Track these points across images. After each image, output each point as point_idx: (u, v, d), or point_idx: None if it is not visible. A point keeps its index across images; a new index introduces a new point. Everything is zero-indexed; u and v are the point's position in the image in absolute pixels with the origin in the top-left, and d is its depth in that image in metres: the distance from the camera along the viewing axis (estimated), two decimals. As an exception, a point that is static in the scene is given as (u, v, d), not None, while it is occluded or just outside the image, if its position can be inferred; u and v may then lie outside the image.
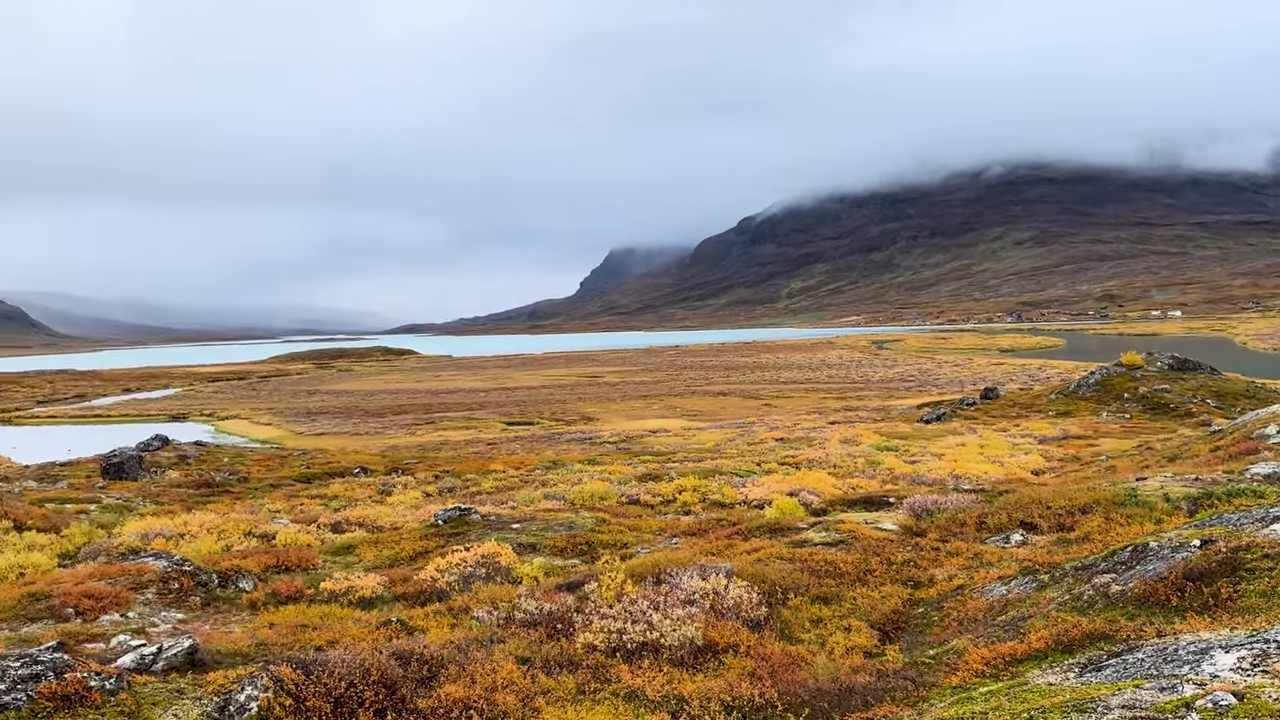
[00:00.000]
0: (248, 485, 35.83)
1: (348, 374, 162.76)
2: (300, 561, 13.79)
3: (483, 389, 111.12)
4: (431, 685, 5.51)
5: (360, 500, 28.91)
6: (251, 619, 10.60)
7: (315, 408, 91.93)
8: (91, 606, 10.96)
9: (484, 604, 9.32)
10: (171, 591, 11.47)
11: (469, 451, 52.26)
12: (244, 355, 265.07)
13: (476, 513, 17.96)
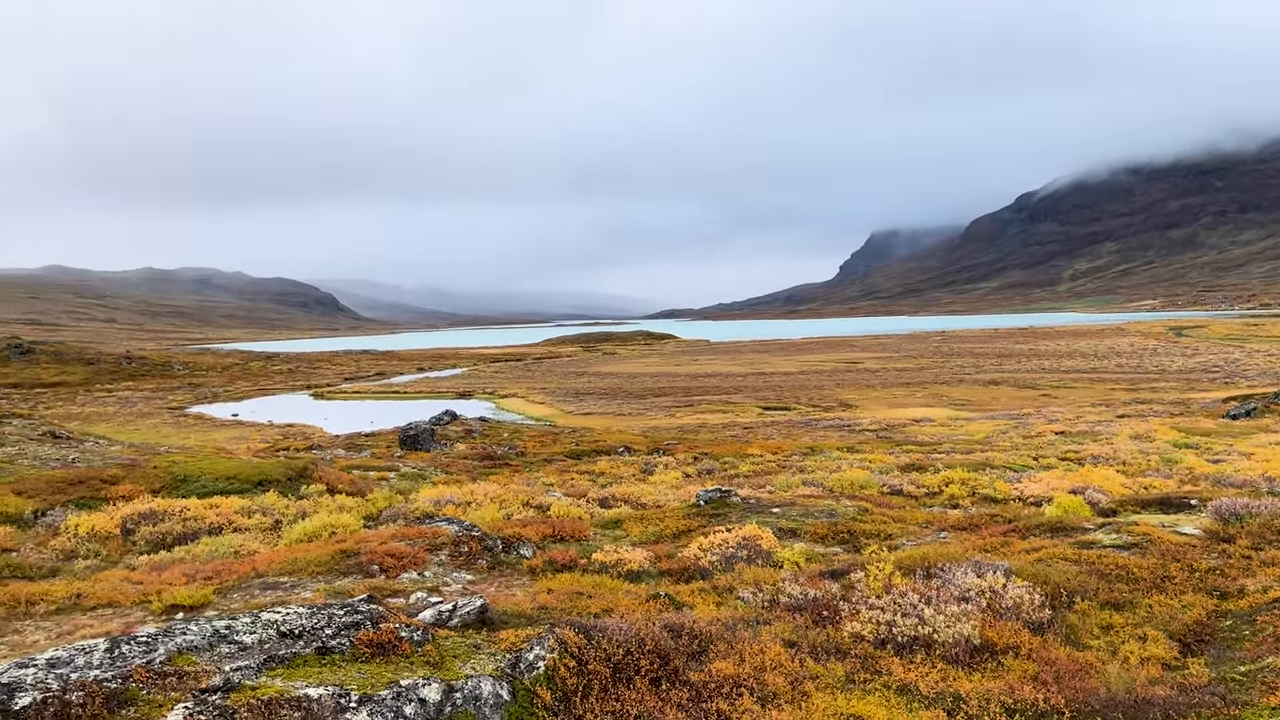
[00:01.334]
0: (524, 459, 38.20)
1: (612, 357, 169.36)
2: (573, 533, 14.52)
3: (739, 373, 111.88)
4: (702, 660, 5.61)
5: (624, 478, 30.03)
6: (531, 584, 11.29)
7: (582, 388, 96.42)
8: (393, 565, 12.11)
9: (748, 585, 9.39)
10: (461, 554, 12.44)
11: (726, 435, 52.85)
12: (521, 338, 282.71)
13: (736, 495, 18.13)
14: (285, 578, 11.95)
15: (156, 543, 16.88)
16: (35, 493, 22.60)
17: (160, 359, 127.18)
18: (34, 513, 21.35)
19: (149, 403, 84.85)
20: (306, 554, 12.91)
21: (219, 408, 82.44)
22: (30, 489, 22.82)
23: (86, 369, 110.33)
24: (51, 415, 70.50)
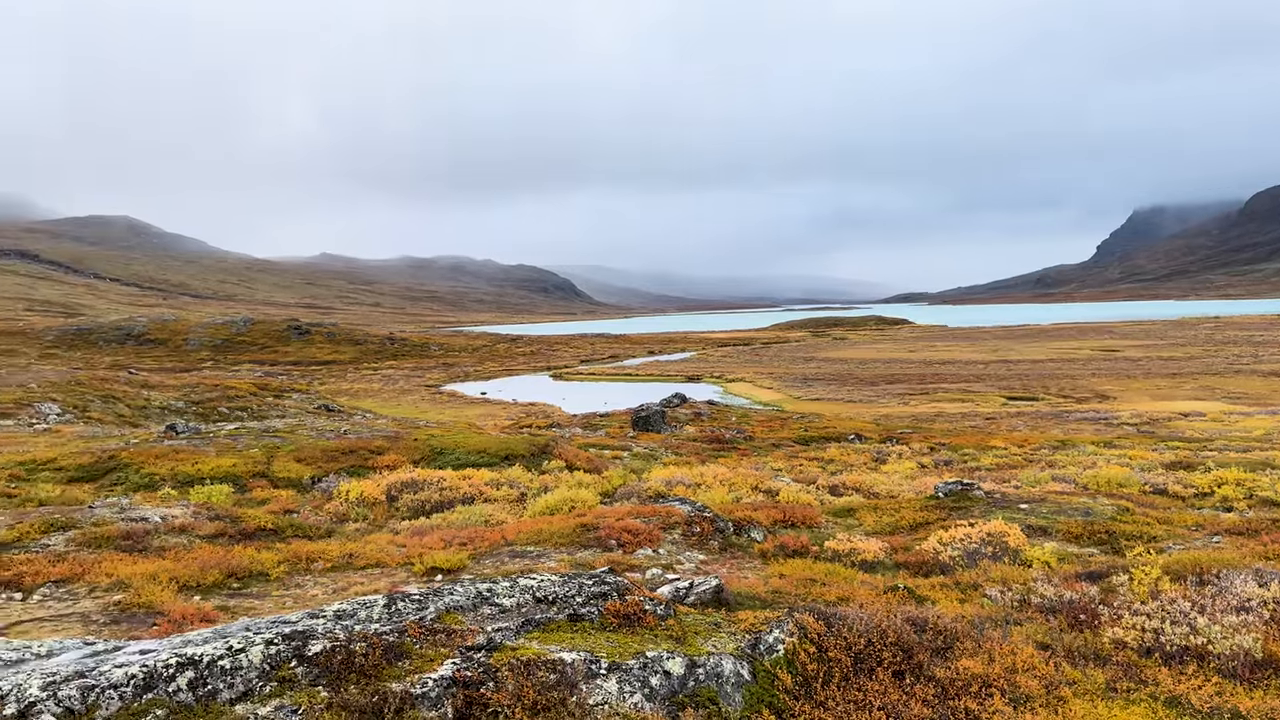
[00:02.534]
0: (752, 443, 38.26)
1: (842, 342, 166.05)
2: (804, 519, 14.39)
3: (980, 360, 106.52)
4: (947, 656, 5.41)
5: (855, 466, 29.40)
6: (763, 568, 11.30)
7: (811, 374, 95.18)
8: (630, 541, 12.48)
9: (994, 583, 8.95)
10: (694, 535, 12.65)
11: (965, 425, 50.53)
12: (748, 323, 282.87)
13: (979, 488, 17.30)
14: (532, 547, 12.61)
15: (416, 509, 18.28)
16: (312, 460, 25.06)
17: (419, 340, 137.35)
18: (311, 478, 23.69)
19: (409, 380, 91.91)
20: (550, 526, 13.57)
21: (469, 386, 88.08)
22: (308, 457, 25.33)
23: (355, 349, 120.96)
24: (325, 390, 77.94)
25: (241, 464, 23.94)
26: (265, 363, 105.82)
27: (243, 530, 14.19)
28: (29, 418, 46.71)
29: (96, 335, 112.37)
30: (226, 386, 65.65)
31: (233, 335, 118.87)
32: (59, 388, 55.36)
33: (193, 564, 11.65)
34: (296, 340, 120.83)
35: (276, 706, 3.74)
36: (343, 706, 3.68)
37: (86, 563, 12.05)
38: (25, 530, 13.41)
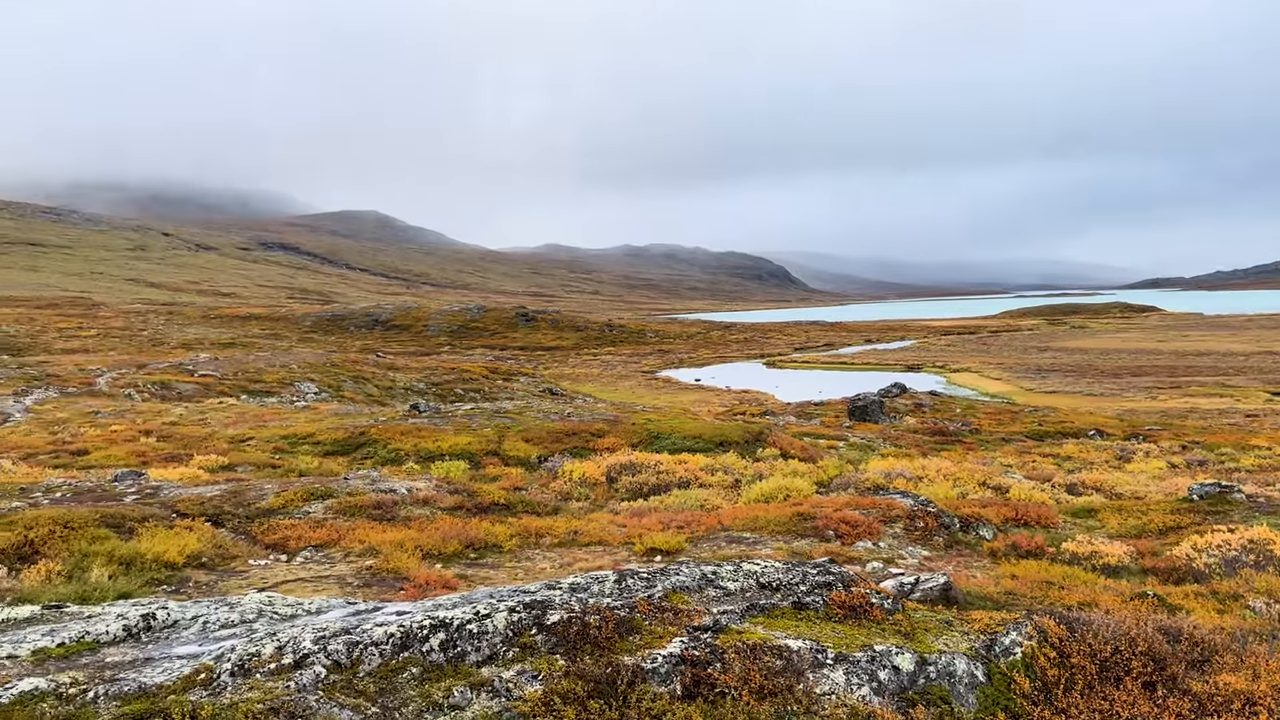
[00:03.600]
0: (979, 437, 36.56)
1: (1081, 331, 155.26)
2: (1039, 518, 13.62)
3: (1241, 352, 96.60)
4: (1204, 670, 4.98)
5: (1095, 464, 27.49)
6: (993, 567, 10.80)
7: (1045, 365, 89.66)
8: (848, 532, 12.26)
9: (1259, 594, 8.14)
10: (916, 529, 12.26)
11: (1223, 422, 46.03)
12: (975, 310, 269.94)
13: (1239, 491, 15.74)
14: (747, 534, 12.66)
15: (634, 491, 18.76)
16: (539, 441, 26.23)
17: (635, 327, 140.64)
18: (538, 458, 24.81)
19: (626, 366, 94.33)
20: (765, 513, 13.55)
21: (683, 372, 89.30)
22: (535, 437, 26.53)
23: (576, 335, 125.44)
24: (548, 375, 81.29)
25: (476, 442, 25.41)
26: (495, 347, 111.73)
27: (478, 504, 15.07)
28: (290, 395, 51.63)
29: (348, 321, 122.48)
30: (462, 369, 69.86)
31: (467, 321, 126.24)
32: (316, 368, 60.81)
33: (435, 534, 12.51)
34: (523, 327, 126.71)
35: (519, 671, 3.96)
36: (579, 675, 3.85)
37: (342, 529, 13.20)
38: (290, 498, 14.82)
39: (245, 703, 3.66)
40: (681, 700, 3.83)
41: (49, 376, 50.66)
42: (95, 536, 12.16)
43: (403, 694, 3.87)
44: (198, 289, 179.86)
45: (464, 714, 3.73)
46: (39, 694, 3.83)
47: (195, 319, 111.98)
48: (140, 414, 37.86)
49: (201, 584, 10.84)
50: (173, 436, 28.82)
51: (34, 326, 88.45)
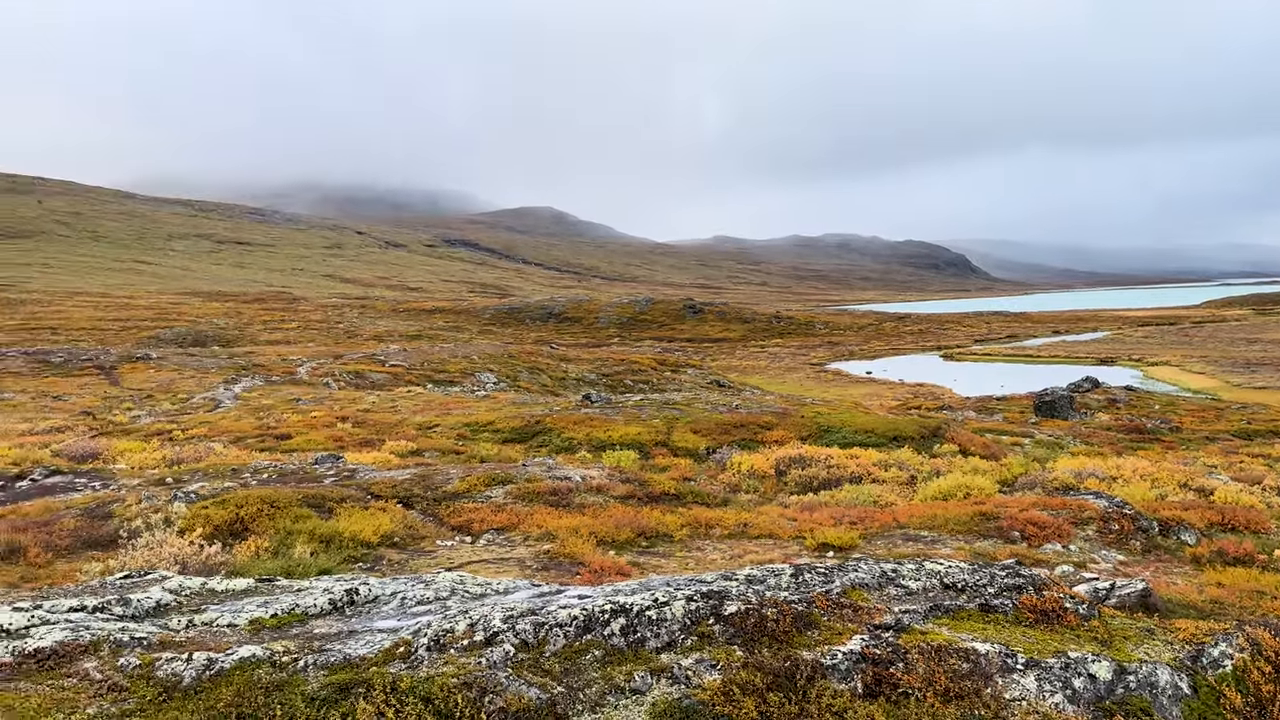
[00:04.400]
0: (1179, 435, 34.09)
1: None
2: (1248, 523, 12.58)
3: None
4: None
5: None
6: (1196, 574, 10.06)
7: (1255, 358, 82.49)
8: (1035, 534, 11.70)
9: None
10: (1111, 532, 11.56)
11: None
12: (1174, 299, 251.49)
13: None
14: (925, 532, 12.29)
15: (804, 485, 18.55)
16: (707, 432, 26.31)
17: (804, 319, 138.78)
18: (706, 449, 24.90)
19: (794, 358, 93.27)
20: (944, 511, 13.12)
21: (854, 365, 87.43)
22: (703, 429, 26.63)
23: (743, 327, 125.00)
24: (715, 366, 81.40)
25: (645, 432, 25.76)
26: (663, 339, 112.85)
27: (649, 493, 15.29)
28: (471, 385, 53.89)
29: (523, 314, 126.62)
30: (631, 361, 70.98)
31: (636, 314, 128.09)
32: (494, 359, 63.21)
33: (608, 521, 12.79)
34: (691, 319, 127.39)
35: (697, 659, 4.01)
36: (757, 667, 3.85)
37: (521, 514, 13.69)
38: (473, 483, 15.49)
39: (441, 676, 3.86)
40: (863, 698, 3.76)
41: (255, 366, 54.87)
42: (298, 515, 13.10)
43: (586, 675, 3.99)
44: (387, 284, 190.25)
45: (645, 698, 3.81)
46: (256, 661, 4.17)
47: (385, 312, 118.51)
48: (337, 401, 40.48)
49: (394, 562, 11.50)
50: (366, 423, 30.65)
51: (241, 320, 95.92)
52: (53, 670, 4.27)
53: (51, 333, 77.69)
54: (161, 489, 15.20)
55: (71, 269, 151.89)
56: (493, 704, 3.70)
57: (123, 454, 22.94)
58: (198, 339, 77.93)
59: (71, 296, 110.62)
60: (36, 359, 55.01)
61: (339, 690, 3.86)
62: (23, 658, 4.32)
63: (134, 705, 3.89)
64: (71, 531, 12.98)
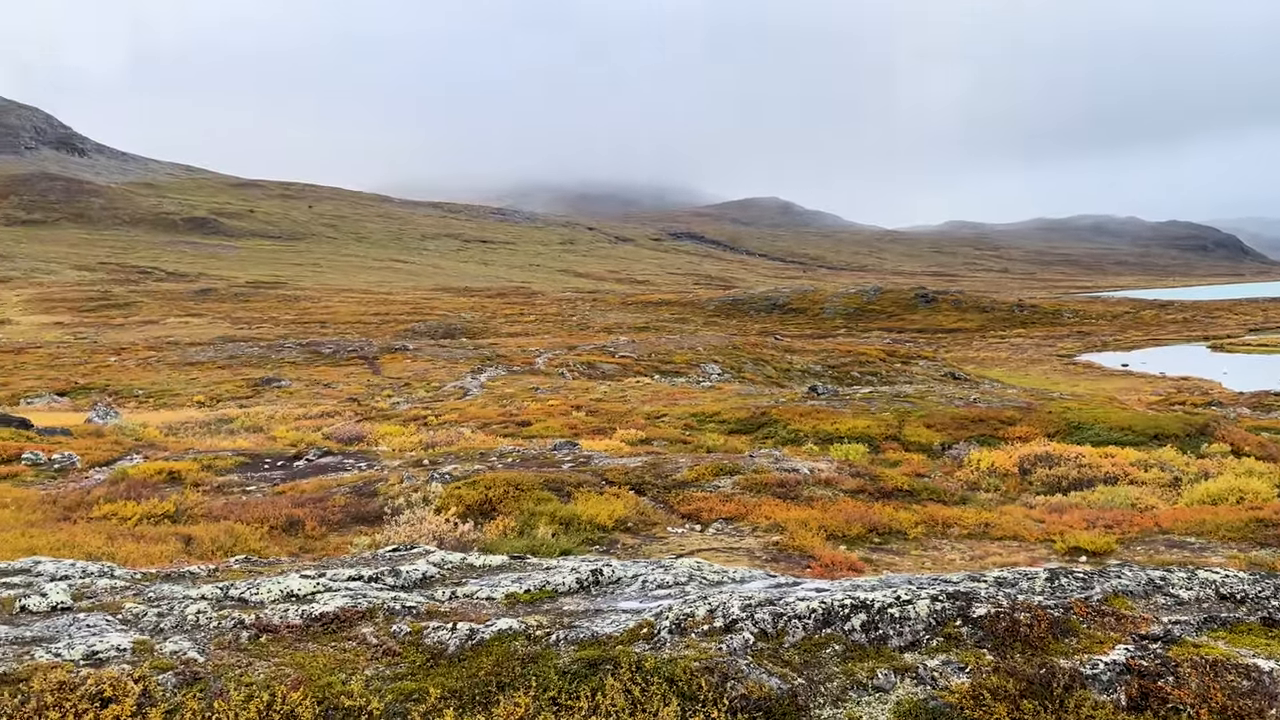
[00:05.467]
0: None
1: None
2: None
3: None
4: None
5: None
6: None
7: None
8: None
9: None
10: None
11: None
12: None
13: None
14: (1191, 538, 11.30)
15: (1052, 485, 17.47)
16: (942, 427, 25.33)
17: (1050, 307, 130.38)
18: (941, 444, 23.97)
19: (1038, 349, 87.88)
20: (1214, 516, 12.01)
21: (1107, 356, 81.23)
22: (937, 423, 25.66)
23: (981, 316, 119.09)
24: (950, 358, 78.08)
25: (874, 426, 25.16)
26: (892, 330, 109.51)
27: (880, 489, 14.94)
28: (697, 376, 54.59)
29: (747, 305, 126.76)
30: (858, 352, 69.44)
31: (863, 304, 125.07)
32: (719, 351, 63.69)
33: (838, 515, 12.62)
34: (923, 308, 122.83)
35: (944, 661, 3.90)
36: (1009, 673, 3.69)
37: (749, 505, 13.76)
38: (701, 472, 15.72)
39: (683, 659, 3.97)
40: (1126, 711, 3.52)
41: (498, 357, 58.17)
42: (540, 498, 13.81)
43: (826, 669, 3.97)
44: (616, 277, 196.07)
45: (888, 696, 3.74)
46: (512, 633, 4.46)
47: (615, 305, 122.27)
48: (571, 390, 42.23)
49: (628, 546, 11.89)
50: (598, 411, 31.79)
51: (485, 313, 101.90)
52: (335, 634, 4.74)
53: (321, 326, 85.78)
54: (419, 470, 16.44)
55: (338, 268, 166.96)
56: (734, 690, 3.76)
57: (384, 437, 25.04)
58: (448, 331, 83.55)
59: (338, 293, 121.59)
60: (309, 350, 60.97)
61: (588, 665, 4.05)
62: (310, 621, 4.82)
63: (405, 669, 4.26)
64: (342, 507, 14.32)
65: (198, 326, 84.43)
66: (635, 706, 3.75)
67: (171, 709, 3.92)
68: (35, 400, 42.17)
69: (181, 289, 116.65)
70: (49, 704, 3.88)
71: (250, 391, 45.13)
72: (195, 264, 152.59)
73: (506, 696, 3.89)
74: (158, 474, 17.12)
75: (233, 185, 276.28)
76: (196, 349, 62.74)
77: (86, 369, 53.79)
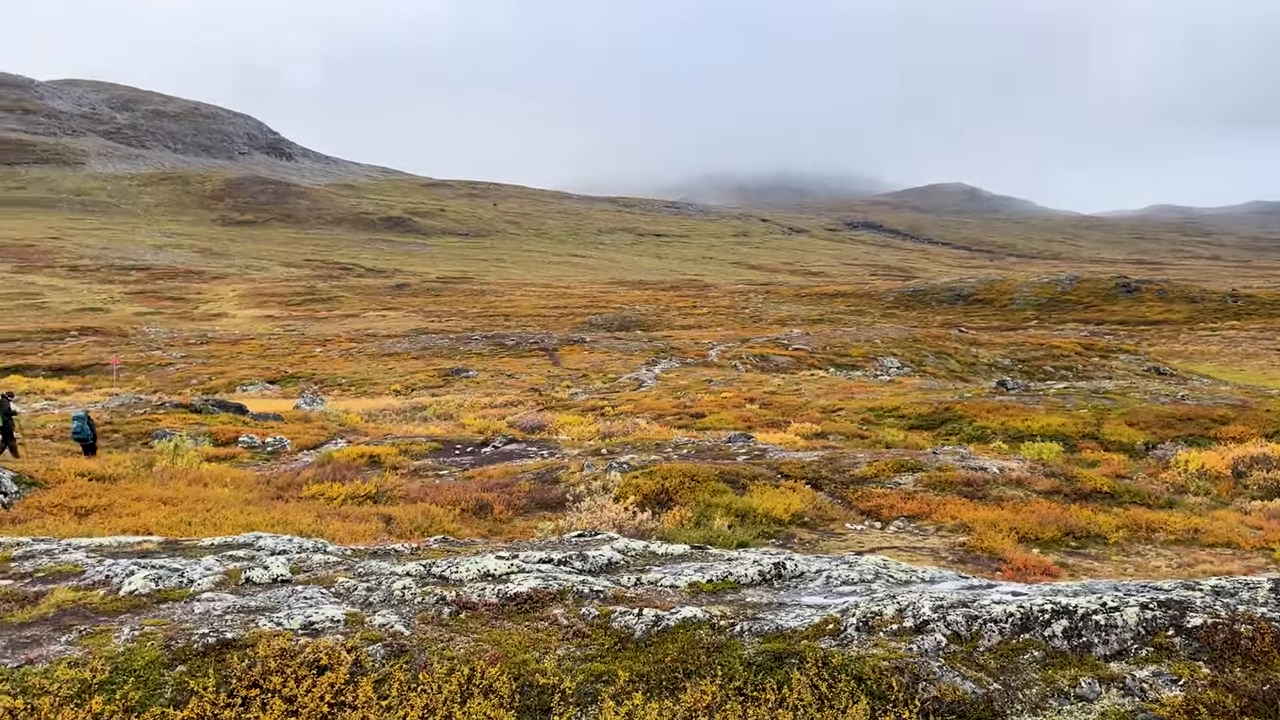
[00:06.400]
0: None
1: None
2: None
3: None
4: None
5: None
6: None
7: None
8: None
9: None
10: None
11: None
12: None
13: None
14: None
15: (1270, 489, 16.11)
16: (1145, 425, 23.73)
17: (1268, 297, 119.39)
18: (1144, 444, 22.46)
19: (1254, 343, 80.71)
20: None
21: (1336, 351, 73.60)
22: (1140, 421, 24.05)
23: (1189, 307, 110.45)
24: (1154, 352, 72.88)
25: (1070, 424, 23.87)
26: (1089, 322, 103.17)
27: (1077, 490, 14.16)
28: (874, 369, 53.28)
29: (929, 296, 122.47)
30: (1051, 345, 65.89)
31: (1057, 294, 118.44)
32: (898, 344, 61.91)
33: (1030, 517, 12.04)
34: (1124, 298, 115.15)
35: (1154, 672, 3.67)
36: (1228, 688, 3.44)
37: (932, 503, 13.34)
38: (880, 468, 15.36)
39: (871, 658, 3.91)
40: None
41: (671, 349, 58.72)
42: (715, 490, 13.88)
43: (1024, 675, 3.81)
44: (790, 269, 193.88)
45: (1092, 706, 3.56)
46: (696, 622, 4.51)
47: (788, 297, 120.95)
48: (744, 383, 42.13)
49: (804, 541, 11.77)
50: (772, 404, 31.59)
51: (658, 306, 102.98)
52: (528, 613, 4.94)
53: (504, 319, 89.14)
54: (598, 459, 16.85)
55: (520, 262, 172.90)
56: (926, 691, 3.68)
57: (563, 426, 25.79)
58: (623, 324, 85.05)
59: (520, 287, 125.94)
60: (493, 341, 63.49)
61: (773, 658, 4.05)
62: (505, 600, 5.04)
63: (595, 651, 4.39)
64: (526, 493, 14.87)
65: (393, 319, 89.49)
66: (823, 702, 3.72)
67: (381, 678, 4.19)
68: (249, 387, 45.90)
69: (379, 284, 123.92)
70: (272, 669, 4.23)
71: (441, 381, 47.48)
72: (391, 260, 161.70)
73: (693, 684, 3.95)
74: (359, 458, 18.31)
75: (424, 186, 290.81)
76: (392, 340, 66.57)
77: (294, 359, 58.06)
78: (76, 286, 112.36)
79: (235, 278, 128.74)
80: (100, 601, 5.25)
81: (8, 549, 6.73)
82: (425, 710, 3.94)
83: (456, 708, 3.93)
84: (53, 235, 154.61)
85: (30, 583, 5.76)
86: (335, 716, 3.96)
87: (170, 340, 69.46)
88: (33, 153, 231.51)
